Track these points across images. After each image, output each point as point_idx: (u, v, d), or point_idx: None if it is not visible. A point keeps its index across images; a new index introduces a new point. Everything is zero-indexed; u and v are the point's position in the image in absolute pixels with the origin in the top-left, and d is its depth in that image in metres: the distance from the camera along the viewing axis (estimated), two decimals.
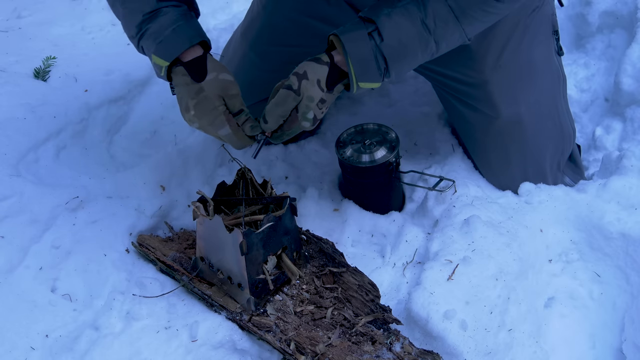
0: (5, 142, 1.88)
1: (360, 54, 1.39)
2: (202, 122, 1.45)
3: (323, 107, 1.44)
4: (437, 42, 1.44)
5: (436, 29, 1.41)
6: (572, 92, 2.21)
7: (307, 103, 1.42)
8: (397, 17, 1.39)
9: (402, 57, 1.43)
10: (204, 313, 1.52)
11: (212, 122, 1.45)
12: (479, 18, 1.45)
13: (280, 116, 1.44)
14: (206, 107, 1.44)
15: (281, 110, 1.43)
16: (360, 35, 1.39)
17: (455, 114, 1.88)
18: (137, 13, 1.42)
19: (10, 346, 1.44)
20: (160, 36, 1.41)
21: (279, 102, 1.43)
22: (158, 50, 1.41)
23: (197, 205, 1.52)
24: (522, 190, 1.80)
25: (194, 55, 1.44)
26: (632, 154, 1.82)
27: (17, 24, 2.57)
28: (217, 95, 1.44)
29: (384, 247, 1.73)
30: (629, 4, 2.33)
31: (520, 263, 1.59)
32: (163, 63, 1.42)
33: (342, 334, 1.44)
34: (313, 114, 1.44)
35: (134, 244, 1.68)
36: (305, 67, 1.42)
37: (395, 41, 1.40)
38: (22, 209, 1.70)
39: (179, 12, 1.43)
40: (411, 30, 1.40)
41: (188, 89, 1.43)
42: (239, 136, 1.48)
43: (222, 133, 1.46)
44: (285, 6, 1.79)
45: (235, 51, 1.94)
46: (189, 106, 1.44)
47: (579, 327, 1.59)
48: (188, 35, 1.42)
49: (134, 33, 1.45)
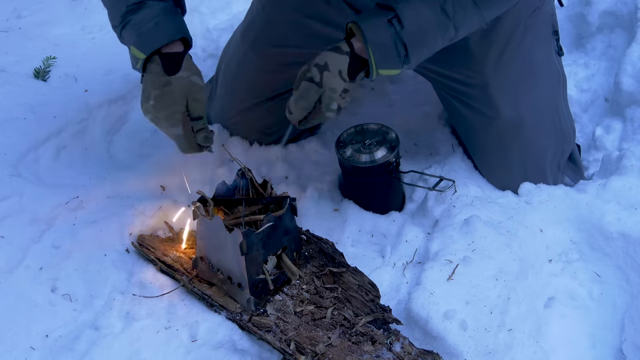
0: (5, 142, 1.88)
1: (380, 41, 1.40)
2: (158, 115, 1.45)
3: (346, 97, 1.45)
4: (456, 28, 1.44)
5: (455, 15, 1.42)
6: (572, 92, 2.21)
7: (330, 94, 1.43)
8: (416, 4, 1.40)
9: (421, 43, 1.43)
10: (204, 313, 1.52)
11: (168, 118, 1.45)
12: (497, 2, 1.46)
13: (304, 109, 1.45)
14: (167, 102, 1.44)
15: (305, 102, 1.44)
16: (380, 23, 1.39)
17: (455, 114, 1.88)
18: (122, 3, 1.43)
19: (10, 346, 1.44)
20: (142, 28, 1.41)
21: (302, 94, 1.43)
22: (137, 41, 1.42)
23: (197, 205, 1.52)
24: (522, 190, 1.80)
25: (174, 50, 1.45)
26: (632, 154, 1.82)
27: (17, 24, 2.57)
28: (182, 94, 1.45)
29: (384, 247, 1.73)
30: (629, 4, 2.33)
31: (520, 263, 1.59)
32: (140, 55, 1.43)
33: (342, 334, 1.44)
34: (337, 105, 1.44)
35: (134, 244, 1.68)
36: (326, 58, 1.42)
37: (415, 27, 1.40)
38: (22, 209, 1.70)
39: (163, 7, 1.44)
40: (430, 17, 1.40)
41: (156, 78, 1.44)
42: (189, 140, 1.49)
43: (173, 132, 1.47)
44: (284, 7, 1.79)
45: (235, 51, 1.94)
46: (151, 96, 1.44)
47: (579, 327, 1.59)
48: (169, 31, 1.43)
49: (117, 23, 1.46)
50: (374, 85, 2.28)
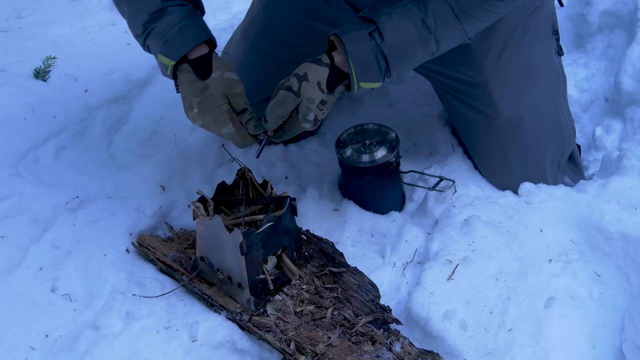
0: (5, 142, 1.88)
1: (361, 54, 1.39)
2: (206, 120, 1.45)
3: (324, 109, 1.44)
4: (437, 42, 1.44)
5: (437, 28, 1.41)
6: (572, 92, 2.21)
7: (308, 105, 1.42)
8: (398, 17, 1.39)
9: (403, 56, 1.43)
10: (204, 313, 1.52)
11: (216, 120, 1.45)
12: (479, 17, 1.45)
13: (279, 117, 1.44)
14: (210, 105, 1.44)
15: (281, 111, 1.43)
16: (361, 35, 1.39)
17: (455, 114, 1.88)
18: (142, 12, 1.42)
19: (10, 346, 1.44)
20: (166, 35, 1.41)
21: (279, 102, 1.43)
22: (164, 49, 1.42)
23: (197, 205, 1.52)
24: (522, 190, 1.80)
25: (200, 53, 1.44)
26: (632, 154, 1.82)
27: (17, 24, 2.57)
28: (221, 93, 1.45)
29: (384, 247, 1.73)
30: (629, 4, 2.33)
31: (520, 263, 1.59)
32: (169, 62, 1.42)
33: (342, 334, 1.44)
34: (314, 116, 1.44)
35: (134, 244, 1.68)
36: (305, 69, 1.42)
37: (396, 41, 1.40)
38: (22, 209, 1.70)
39: (184, 11, 1.43)
40: (412, 30, 1.40)
41: (192, 86, 1.43)
42: (241, 135, 1.48)
43: (225, 131, 1.46)
44: (285, 6, 1.79)
45: (235, 51, 1.94)
46: (193, 104, 1.44)
47: (579, 327, 1.59)
48: (194, 34, 1.43)
49: (139, 32, 1.45)
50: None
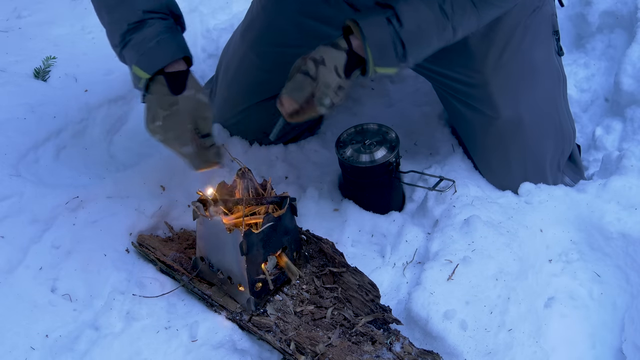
0: (5, 142, 1.88)
1: (378, 39, 1.39)
2: (168, 135, 1.45)
3: (340, 94, 1.44)
4: (454, 28, 1.44)
5: (454, 15, 1.42)
6: (572, 92, 2.21)
7: (324, 89, 1.42)
8: (416, 3, 1.40)
9: (420, 42, 1.43)
10: (204, 313, 1.52)
11: (178, 137, 1.45)
12: (496, 3, 1.46)
13: (295, 101, 1.44)
14: (175, 121, 1.44)
15: (297, 95, 1.43)
16: (379, 20, 1.39)
17: (455, 114, 1.88)
18: (122, 22, 1.41)
19: (10, 346, 1.44)
20: (143, 48, 1.40)
21: (295, 87, 1.43)
22: (140, 61, 1.40)
23: (197, 205, 1.52)
24: (522, 190, 1.80)
25: (176, 69, 1.44)
26: (632, 154, 1.82)
27: (17, 24, 2.57)
28: (189, 112, 1.45)
29: (384, 247, 1.73)
30: (629, 4, 2.33)
31: (520, 263, 1.59)
32: (144, 75, 1.41)
33: (342, 334, 1.44)
34: (330, 100, 1.43)
35: (134, 244, 1.68)
36: (322, 53, 1.42)
37: (414, 26, 1.40)
38: (22, 209, 1.70)
39: (164, 25, 1.42)
40: (429, 16, 1.40)
41: (162, 99, 1.43)
42: (201, 157, 1.49)
43: (185, 150, 1.46)
44: (284, 7, 1.79)
45: (235, 51, 1.94)
46: (158, 116, 1.43)
47: (579, 327, 1.59)
48: (171, 50, 1.42)
49: (117, 42, 1.44)
50: (374, 85, 2.28)
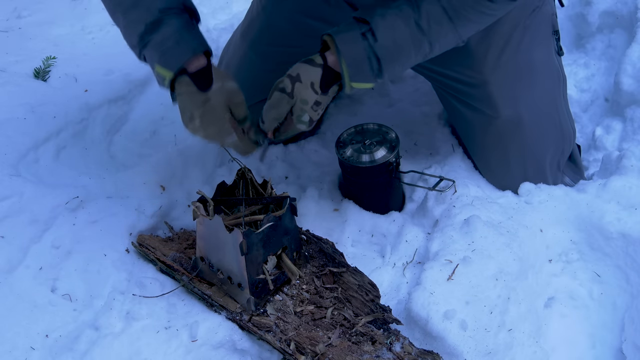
0: (5, 142, 1.88)
1: (353, 55, 1.39)
2: (209, 131, 1.45)
3: (318, 109, 1.44)
4: (430, 43, 1.44)
5: (430, 30, 1.41)
6: (572, 92, 2.21)
7: (301, 106, 1.42)
8: (391, 18, 1.39)
9: (395, 57, 1.43)
10: (204, 313, 1.52)
11: (219, 131, 1.45)
12: (473, 19, 1.45)
13: (274, 119, 1.45)
14: (213, 117, 1.44)
15: (275, 112, 1.44)
16: (354, 36, 1.39)
17: (455, 114, 1.88)
18: (139, 23, 1.41)
19: (10, 346, 1.44)
20: (164, 47, 1.39)
21: (273, 104, 1.44)
22: (162, 60, 1.40)
23: (197, 205, 1.52)
24: (522, 190, 1.80)
25: (198, 64, 1.43)
26: (632, 154, 1.82)
27: (17, 24, 2.57)
28: (223, 104, 1.45)
29: (384, 247, 1.73)
30: (629, 4, 2.33)
31: (520, 263, 1.59)
32: (167, 74, 1.41)
33: (342, 334, 1.44)
34: (308, 117, 1.44)
35: (134, 244, 1.68)
36: (298, 70, 1.42)
37: (389, 42, 1.40)
38: (22, 209, 1.70)
39: (181, 22, 1.42)
40: (405, 31, 1.40)
41: (193, 98, 1.43)
42: (245, 143, 1.49)
43: (229, 141, 1.47)
44: (284, 7, 1.79)
45: (235, 51, 1.94)
46: (195, 116, 1.43)
47: (579, 327, 1.59)
48: (191, 46, 1.42)
49: (135, 42, 1.43)
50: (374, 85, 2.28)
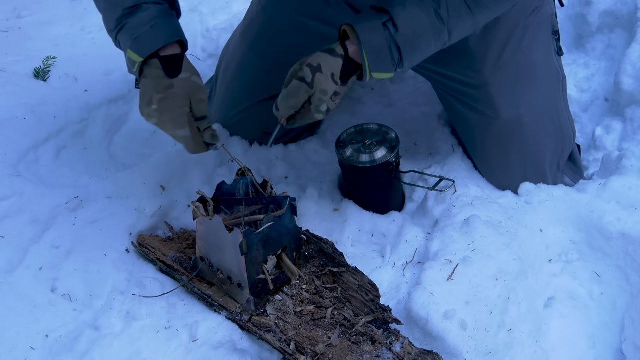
0: (5, 142, 1.88)
1: (374, 44, 1.39)
2: (163, 118, 1.44)
3: (337, 100, 1.44)
4: (449, 32, 1.44)
5: (449, 19, 1.41)
6: (572, 92, 2.21)
7: (321, 96, 1.42)
8: (411, 7, 1.40)
9: (416, 47, 1.43)
10: (204, 313, 1.52)
11: (174, 120, 1.44)
12: (491, 7, 1.46)
13: (291, 107, 1.44)
14: (171, 104, 1.43)
15: (293, 101, 1.43)
16: (375, 26, 1.39)
17: (455, 114, 1.88)
18: (117, 7, 1.42)
19: (10, 346, 1.44)
20: (138, 32, 1.40)
21: (292, 93, 1.43)
22: (134, 45, 1.41)
23: (197, 205, 1.52)
24: (522, 190, 1.80)
25: (172, 52, 1.44)
26: (632, 154, 1.82)
27: (17, 24, 2.57)
28: (185, 95, 1.44)
29: (384, 247, 1.73)
30: (629, 4, 2.33)
31: (520, 263, 1.59)
32: (137, 58, 1.41)
33: (342, 334, 1.44)
34: (327, 107, 1.44)
35: (134, 244, 1.68)
36: (319, 59, 1.42)
37: (410, 31, 1.40)
38: (22, 209, 1.70)
39: (159, 10, 1.43)
40: (425, 21, 1.40)
41: (157, 82, 1.42)
42: (196, 141, 1.48)
43: (180, 133, 1.46)
44: (284, 7, 1.79)
45: (234, 51, 1.94)
46: (153, 100, 1.42)
47: (579, 327, 1.59)
48: (166, 33, 1.42)
49: (112, 27, 1.45)
50: (374, 85, 2.28)
